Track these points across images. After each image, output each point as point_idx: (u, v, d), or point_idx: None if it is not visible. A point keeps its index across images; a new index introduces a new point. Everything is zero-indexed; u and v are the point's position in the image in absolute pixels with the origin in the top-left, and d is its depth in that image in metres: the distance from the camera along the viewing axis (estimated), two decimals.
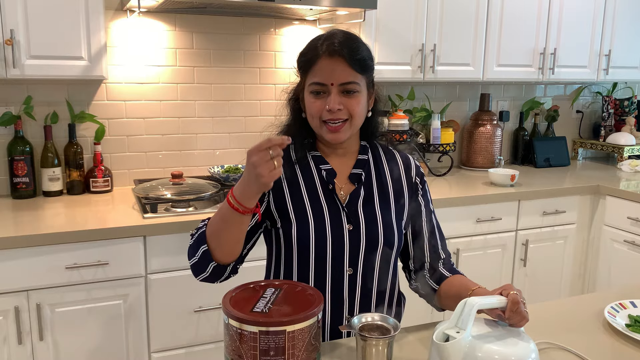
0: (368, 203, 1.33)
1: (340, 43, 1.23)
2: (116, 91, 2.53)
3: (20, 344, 1.93)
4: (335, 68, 1.23)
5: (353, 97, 1.26)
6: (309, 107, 1.28)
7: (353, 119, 1.27)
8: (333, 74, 1.23)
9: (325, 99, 1.25)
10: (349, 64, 1.23)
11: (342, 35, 1.26)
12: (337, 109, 1.24)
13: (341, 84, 1.24)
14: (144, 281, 2.07)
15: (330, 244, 1.28)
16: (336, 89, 1.24)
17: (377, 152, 1.41)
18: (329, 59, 1.23)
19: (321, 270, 1.29)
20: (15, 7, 2.04)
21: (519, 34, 2.96)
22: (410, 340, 1.27)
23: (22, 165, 2.33)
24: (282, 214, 1.31)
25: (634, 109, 3.59)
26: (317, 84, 1.25)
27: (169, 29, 2.57)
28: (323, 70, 1.24)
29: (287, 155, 1.34)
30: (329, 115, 1.25)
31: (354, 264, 1.30)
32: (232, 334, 0.96)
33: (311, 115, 1.28)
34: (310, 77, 1.26)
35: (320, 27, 2.80)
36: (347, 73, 1.24)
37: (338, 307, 1.31)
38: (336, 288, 1.30)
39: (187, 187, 2.33)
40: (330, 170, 1.34)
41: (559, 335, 1.28)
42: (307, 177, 1.33)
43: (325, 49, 1.23)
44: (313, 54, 1.25)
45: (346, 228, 1.29)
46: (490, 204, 2.67)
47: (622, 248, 2.82)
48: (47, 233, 1.91)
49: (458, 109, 3.31)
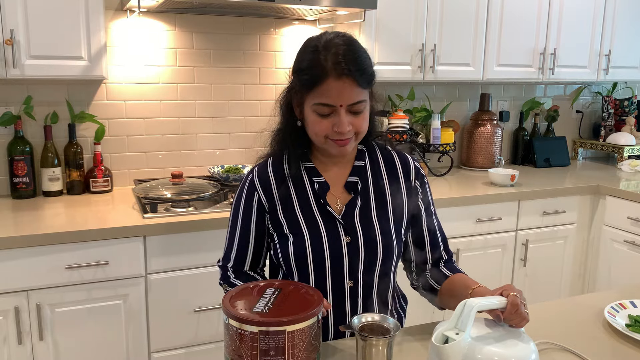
0: (365, 212, 1.30)
1: (347, 60, 1.17)
2: (116, 91, 2.53)
3: (20, 344, 1.93)
4: (344, 90, 1.17)
5: (361, 115, 1.23)
6: (314, 126, 1.23)
7: (359, 134, 1.25)
8: (342, 96, 1.18)
9: (332, 118, 1.21)
10: (357, 83, 1.18)
11: (345, 47, 1.19)
12: (347, 130, 1.21)
13: (350, 104, 1.20)
14: (144, 281, 2.07)
15: (329, 258, 1.27)
16: (345, 110, 1.20)
17: (375, 155, 1.37)
18: (337, 80, 1.17)
19: (321, 284, 1.28)
20: (15, 7, 2.04)
21: (519, 34, 2.96)
22: (411, 341, 1.27)
23: (22, 165, 2.33)
24: (278, 231, 1.30)
25: (634, 109, 3.59)
26: (325, 105, 1.19)
27: (169, 29, 2.57)
28: (331, 92, 1.18)
29: (280, 171, 1.32)
30: (337, 136, 1.22)
31: (354, 276, 1.29)
32: (232, 334, 0.96)
33: (316, 133, 1.24)
34: (314, 96, 1.20)
35: (320, 27, 2.80)
36: (356, 93, 1.19)
37: (342, 320, 1.30)
38: (338, 301, 1.29)
39: (187, 187, 2.33)
40: (323, 184, 1.30)
41: (559, 335, 1.28)
42: (300, 191, 1.30)
43: (333, 68, 1.16)
44: (319, 73, 1.17)
45: (344, 241, 1.28)
46: (490, 204, 2.66)
47: (622, 248, 2.82)
48: (47, 233, 1.90)
49: (458, 109, 3.31)
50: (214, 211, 2.18)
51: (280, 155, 1.34)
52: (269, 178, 1.32)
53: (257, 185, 1.32)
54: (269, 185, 1.31)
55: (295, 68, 1.25)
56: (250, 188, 1.32)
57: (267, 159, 1.35)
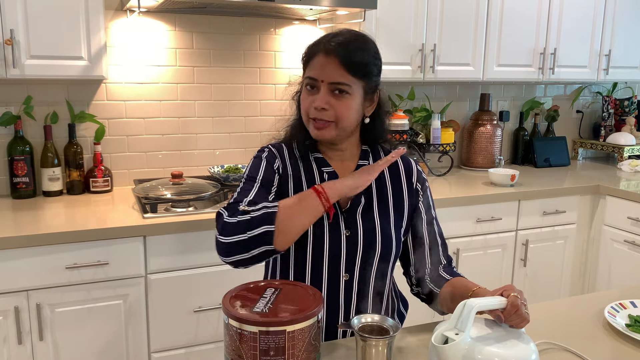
0: (367, 210, 1.32)
1: (340, 43, 1.23)
2: (116, 91, 2.53)
3: (20, 344, 1.93)
4: (327, 65, 1.23)
5: (342, 99, 1.24)
6: (302, 101, 1.30)
7: (339, 122, 1.26)
8: (324, 71, 1.24)
9: (315, 96, 1.26)
10: (342, 64, 1.23)
11: (347, 35, 1.26)
12: (321, 107, 1.24)
13: (331, 82, 1.23)
14: (144, 281, 2.07)
15: (328, 247, 1.28)
16: (326, 87, 1.24)
17: (379, 156, 1.39)
18: (324, 56, 1.24)
19: (317, 274, 1.29)
20: (15, 7, 2.04)
21: (519, 34, 2.96)
22: (411, 341, 1.27)
23: (22, 165, 2.33)
24: None
25: (634, 109, 3.59)
26: (310, 78, 1.26)
27: (169, 29, 2.57)
28: (317, 67, 1.25)
29: (290, 152, 1.35)
30: (315, 114, 1.25)
31: (350, 270, 1.30)
32: (232, 334, 0.96)
33: (303, 111, 1.30)
34: (307, 71, 1.28)
35: (320, 27, 2.80)
36: (338, 73, 1.23)
37: (334, 312, 1.31)
38: (332, 293, 1.30)
39: (187, 187, 2.33)
40: (332, 173, 1.33)
41: (559, 335, 1.28)
42: (309, 177, 1.33)
43: (323, 47, 1.25)
44: (313, 50, 1.27)
45: (344, 233, 1.29)
46: (490, 204, 2.67)
47: (622, 248, 2.82)
48: (47, 233, 1.90)
49: (458, 109, 3.31)
50: (214, 211, 2.18)
51: (290, 144, 1.38)
52: (283, 153, 1.36)
53: (275, 154, 1.35)
54: (284, 159, 1.35)
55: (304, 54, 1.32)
56: (270, 154, 1.35)
57: (280, 143, 1.39)
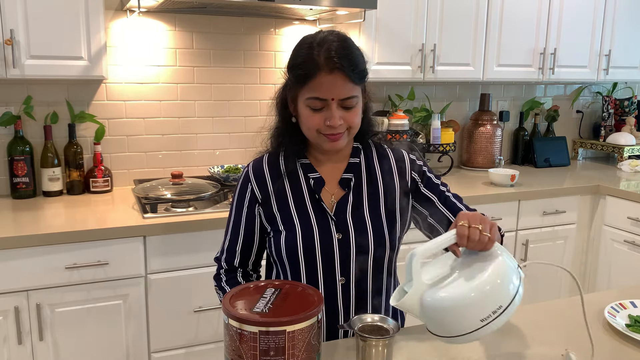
0: (357, 210, 1.31)
1: (340, 56, 1.19)
2: (116, 91, 2.53)
3: (20, 344, 1.93)
4: (335, 83, 1.20)
5: (352, 110, 1.25)
6: (306, 120, 1.25)
7: (352, 129, 1.27)
8: (333, 90, 1.20)
9: (324, 113, 1.23)
10: (349, 78, 1.20)
11: (338, 44, 1.21)
12: (339, 124, 1.23)
13: (341, 99, 1.22)
14: (143, 281, 2.07)
15: (320, 254, 1.27)
16: (336, 104, 1.22)
17: (370, 152, 1.38)
18: (329, 74, 1.19)
19: (313, 280, 1.29)
20: (15, 7, 2.04)
21: (519, 34, 2.96)
22: (411, 341, 1.27)
23: (22, 165, 2.33)
24: (273, 227, 1.31)
25: (634, 109, 3.59)
26: (317, 99, 1.22)
27: (169, 29, 2.57)
28: (323, 86, 1.20)
29: (276, 167, 1.34)
30: (329, 130, 1.24)
31: (345, 273, 1.29)
32: (232, 334, 0.96)
33: (308, 128, 1.26)
34: (307, 90, 1.22)
35: (320, 27, 2.80)
36: (347, 88, 1.21)
37: (334, 316, 1.30)
38: (330, 297, 1.30)
39: (187, 187, 2.33)
40: (318, 179, 1.32)
41: (559, 335, 1.28)
42: (295, 187, 1.32)
43: (325, 63, 1.19)
44: (312, 67, 1.20)
45: (335, 237, 1.28)
46: (490, 204, 2.66)
47: (622, 248, 2.82)
48: (47, 233, 1.90)
49: (458, 109, 3.31)
50: (214, 211, 2.18)
51: (276, 152, 1.36)
52: (263, 172, 1.34)
53: (251, 178, 1.34)
54: (264, 179, 1.33)
55: (290, 64, 1.27)
56: (244, 181, 1.36)
57: (263, 155, 1.38)
